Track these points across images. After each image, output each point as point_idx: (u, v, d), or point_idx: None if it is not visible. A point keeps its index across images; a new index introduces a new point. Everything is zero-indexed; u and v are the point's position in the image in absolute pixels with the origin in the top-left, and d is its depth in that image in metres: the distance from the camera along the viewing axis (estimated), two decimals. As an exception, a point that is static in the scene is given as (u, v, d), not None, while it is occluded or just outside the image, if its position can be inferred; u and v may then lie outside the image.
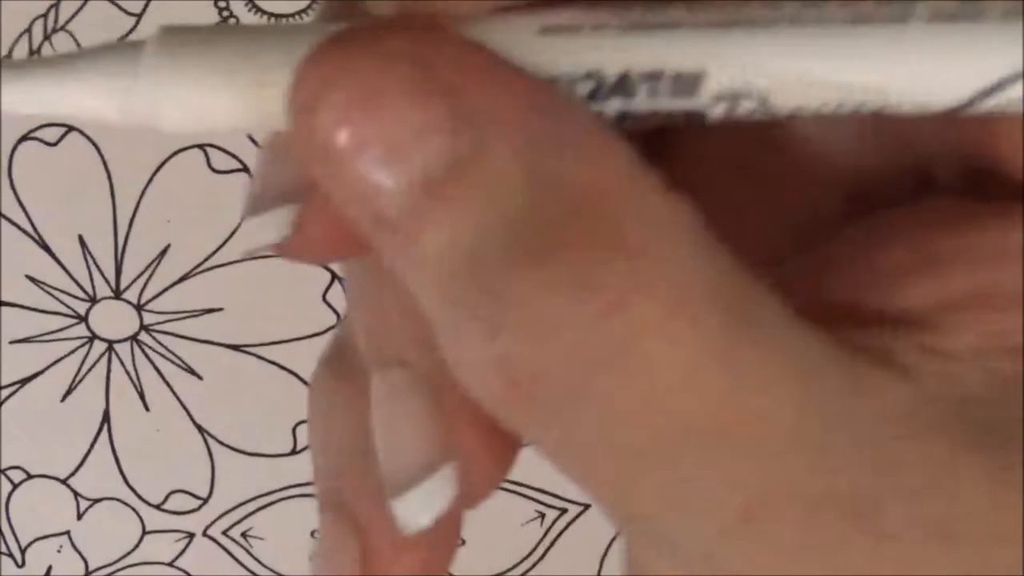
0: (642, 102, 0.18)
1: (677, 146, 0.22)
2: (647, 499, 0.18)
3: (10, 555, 0.53)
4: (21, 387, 0.52)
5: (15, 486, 0.52)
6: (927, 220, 0.19)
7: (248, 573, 0.53)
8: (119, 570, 0.53)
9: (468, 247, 0.17)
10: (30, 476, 0.52)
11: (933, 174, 0.20)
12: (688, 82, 0.18)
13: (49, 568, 0.53)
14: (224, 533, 0.52)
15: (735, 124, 0.20)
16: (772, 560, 0.18)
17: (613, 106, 0.18)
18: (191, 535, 0.53)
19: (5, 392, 0.51)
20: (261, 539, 0.53)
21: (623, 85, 0.18)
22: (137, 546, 0.53)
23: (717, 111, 0.18)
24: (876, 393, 0.18)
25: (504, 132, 0.17)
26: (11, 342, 0.51)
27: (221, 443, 0.51)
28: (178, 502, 0.52)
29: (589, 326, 0.17)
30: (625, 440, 0.18)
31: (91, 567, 0.53)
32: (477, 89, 0.17)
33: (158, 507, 0.52)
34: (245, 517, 0.52)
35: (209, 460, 0.52)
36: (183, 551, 0.53)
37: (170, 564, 0.53)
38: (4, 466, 0.52)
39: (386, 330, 0.21)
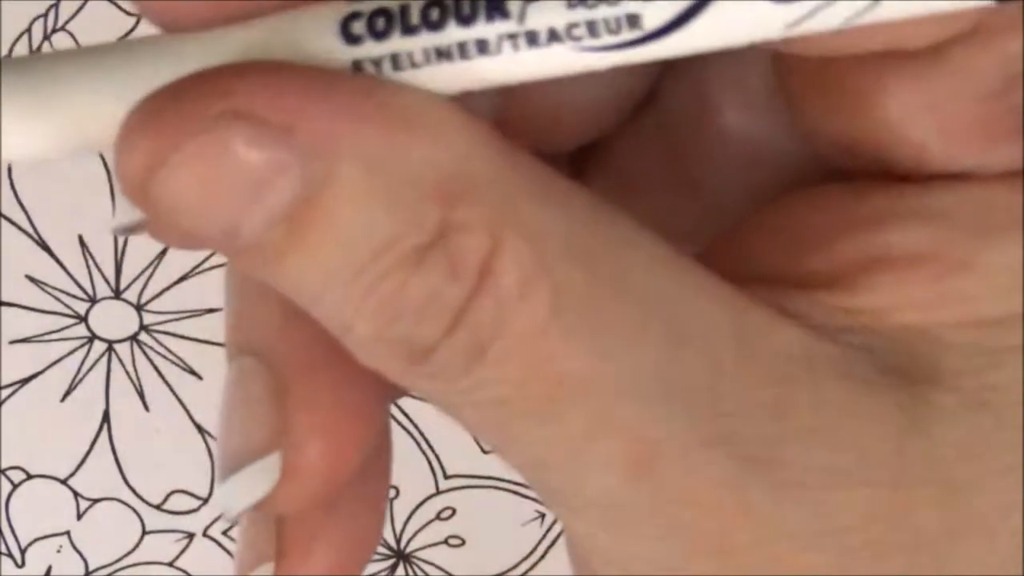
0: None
1: (604, 150, 0.23)
2: (551, 458, 0.19)
3: (10, 555, 0.53)
4: (21, 387, 0.51)
5: (15, 486, 0.52)
6: (845, 192, 0.20)
7: (248, 573, 0.53)
8: (119, 570, 0.53)
9: (334, 265, 0.18)
10: (30, 476, 0.52)
11: (842, 167, 0.21)
12: None
13: (49, 568, 0.53)
14: (224, 533, 0.52)
15: (661, 118, 0.21)
16: (674, 507, 0.18)
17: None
18: (191, 535, 0.53)
19: (5, 392, 0.51)
20: (261, 539, 0.53)
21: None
22: (137, 546, 0.53)
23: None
24: (769, 337, 0.19)
25: (345, 151, 0.18)
26: (11, 342, 0.51)
27: (221, 443, 0.51)
28: (178, 502, 0.52)
29: (463, 304, 0.18)
30: (519, 405, 0.18)
31: (91, 567, 0.53)
32: (308, 120, 0.18)
33: (158, 507, 0.52)
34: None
35: (209, 460, 0.52)
36: (183, 551, 0.53)
37: (170, 564, 0.53)
38: (4, 466, 0.52)
39: (244, 320, 0.21)
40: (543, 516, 0.53)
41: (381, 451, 0.22)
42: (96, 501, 0.53)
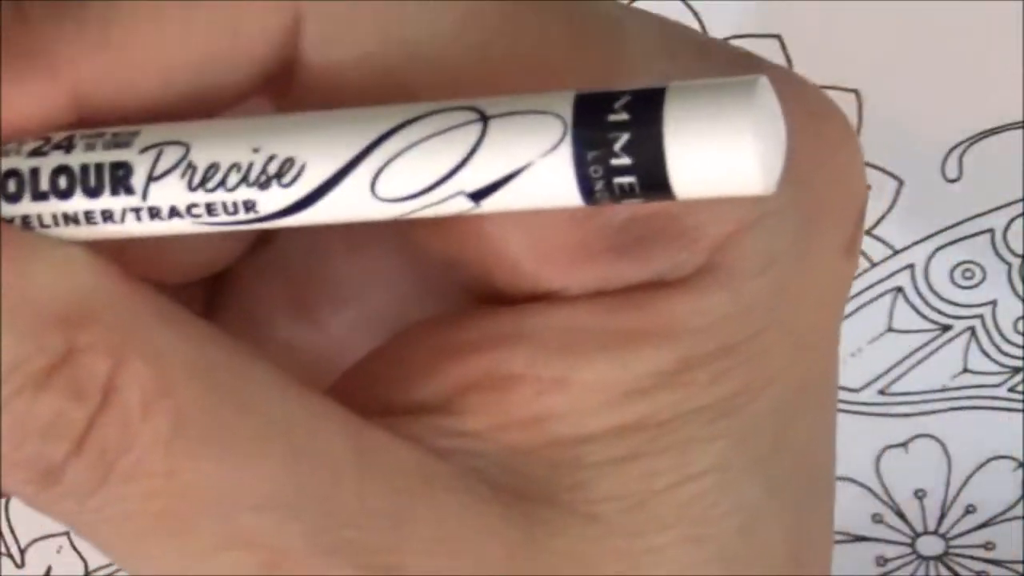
0: (79, 156, 0.19)
1: (231, 288, 0.25)
2: (185, 571, 0.20)
3: (10, 555, 0.53)
4: (21, 387, 0.52)
5: (15, 486, 0.52)
6: (449, 321, 0.21)
7: (248, 573, 0.53)
8: (119, 570, 0.53)
9: None
10: None
11: (456, 299, 0.22)
12: (124, 138, 0.20)
13: (49, 568, 0.53)
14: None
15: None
16: None
17: (54, 160, 0.20)
18: (191, 535, 0.53)
19: (5, 392, 0.51)
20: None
21: (64, 144, 0.20)
22: (137, 546, 0.53)
23: (145, 160, 0.19)
24: (386, 454, 0.20)
25: None
26: None
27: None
28: (178, 502, 0.52)
29: (87, 423, 0.19)
30: (148, 521, 0.19)
31: (91, 567, 0.53)
32: None
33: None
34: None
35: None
36: (183, 551, 0.53)
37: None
38: (4, 466, 0.52)
39: None
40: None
41: None
42: (96, 501, 0.53)
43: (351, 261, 0.24)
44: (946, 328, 0.50)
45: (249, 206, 0.19)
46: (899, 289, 0.49)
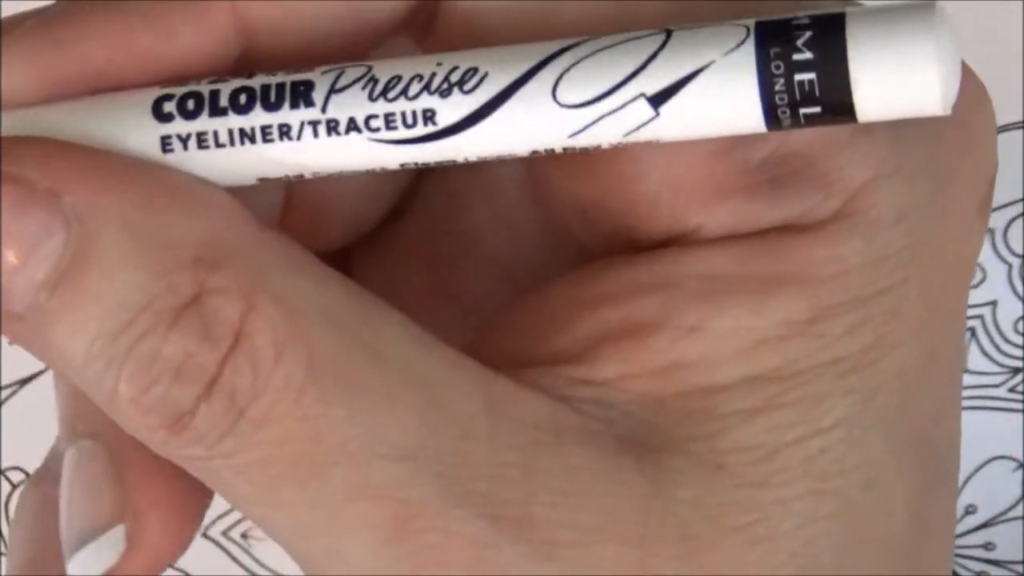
0: (260, 79, 0.19)
1: (367, 259, 0.25)
2: (313, 522, 0.19)
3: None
4: (21, 387, 0.52)
5: (15, 486, 0.52)
6: (584, 273, 0.21)
7: (248, 573, 0.53)
8: (119, 570, 0.53)
9: (96, 329, 0.19)
10: (30, 476, 0.52)
11: (589, 247, 0.22)
12: (304, 67, 0.20)
13: (49, 568, 0.53)
14: (224, 533, 0.52)
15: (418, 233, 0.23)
16: (432, 568, 0.19)
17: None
18: (191, 535, 0.53)
19: (5, 392, 0.52)
20: (261, 539, 0.53)
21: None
22: (137, 546, 0.53)
23: (327, 78, 0.19)
24: (516, 406, 0.20)
25: (107, 216, 0.19)
26: (11, 342, 0.51)
27: (221, 443, 0.51)
28: (178, 502, 0.52)
29: (218, 366, 0.19)
30: (279, 467, 0.19)
31: (91, 567, 0.53)
32: (74, 186, 0.19)
33: (158, 507, 0.52)
34: (245, 517, 0.52)
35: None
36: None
37: (170, 564, 0.53)
38: (4, 466, 0.52)
39: (78, 407, 0.22)
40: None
41: None
42: (96, 501, 0.53)
43: (487, 215, 0.24)
44: (946, 328, 0.50)
45: (429, 116, 0.19)
46: (899, 289, 0.49)
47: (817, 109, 0.18)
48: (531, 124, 0.19)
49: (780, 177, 0.20)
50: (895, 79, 0.18)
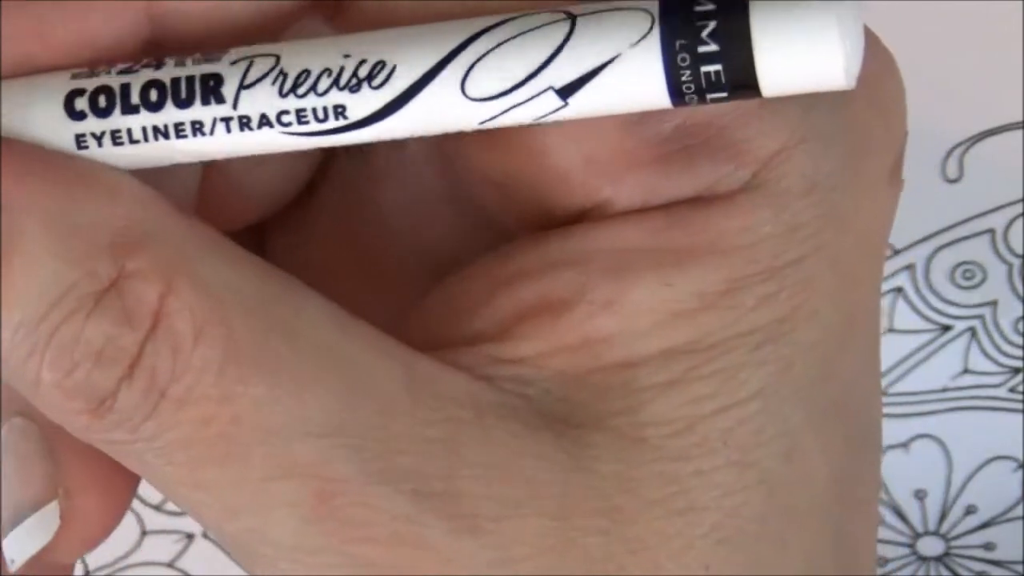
0: (170, 71, 0.20)
1: (285, 239, 0.25)
2: (238, 502, 0.20)
3: (10, 555, 0.53)
4: None
5: None
6: (502, 252, 0.21)
7: (248, 574, 0.53)
8: (119, 570, 0.53)
9: (19, 316, 0.19)
10: None
11: (506, 225, 0.22)
12: (214, 55, 0.20)
13: (49, 568, 0.53)
14: (224, 533, 0.53)
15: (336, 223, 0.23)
16: (356, 544, 0.19)
17: (144, 76, 0.20)
18: (191, 535, 0.53)
19: (5, 392, 0.51)
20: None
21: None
22: (137, 546, 0.53)
23: (236, 71, 0.19)
24: (436, 384, 0.20)
25: (29, 208, 0.19)
26: None
27: (221, 443, 0.51)
28: (178, 502, 0.52)
29: (138, 348, 0.19)
30: (201, 448, 0.19)
31: (91, 567, 0.53)
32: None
33: (158, 507, 0.52)
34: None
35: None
36: (183, 551, 0.53)
37: (169, 564, 0.53)
38: None
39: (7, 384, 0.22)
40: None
41: None
42: (96, 501, 0.53)
43: (400, 191, 0.24)
44: (946, 328, 0.50)
45: (339, 111, 0.19)
46: (899, 289, 0.49)
47: (724, 95, 0.18)
48: (441, 116, 0.19)
49: (690, 148, 0.20)
50: (799, 59, 0.18)
